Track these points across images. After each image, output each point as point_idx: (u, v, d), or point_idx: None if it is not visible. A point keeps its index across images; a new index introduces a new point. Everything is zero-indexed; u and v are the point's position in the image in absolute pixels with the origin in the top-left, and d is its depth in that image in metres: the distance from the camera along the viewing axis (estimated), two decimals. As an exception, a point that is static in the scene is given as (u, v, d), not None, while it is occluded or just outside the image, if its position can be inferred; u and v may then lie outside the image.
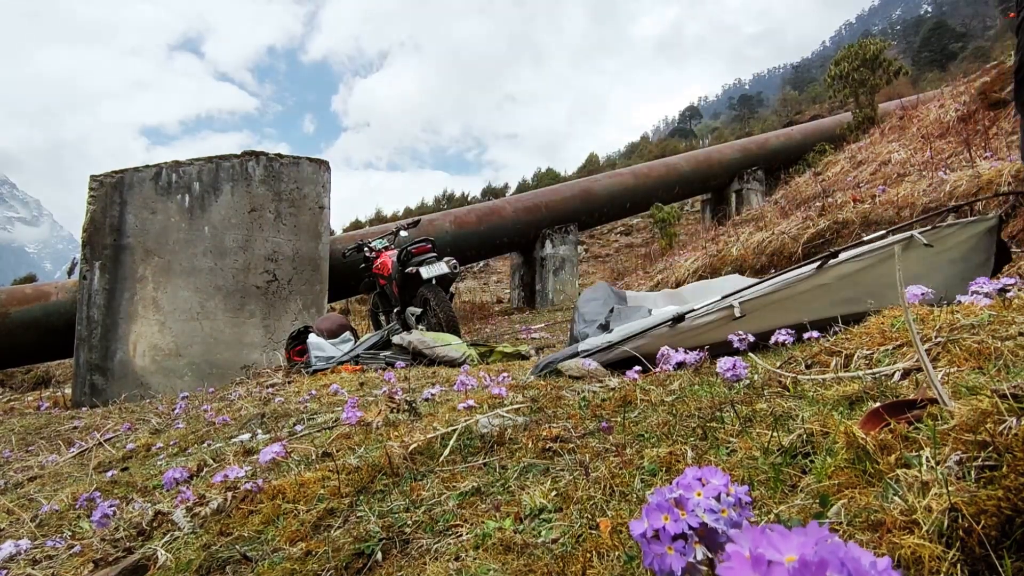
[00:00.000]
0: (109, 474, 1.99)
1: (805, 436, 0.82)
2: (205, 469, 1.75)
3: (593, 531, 0.76)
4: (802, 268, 2.04)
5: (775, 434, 0.86)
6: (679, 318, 2.02)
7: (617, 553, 0.69)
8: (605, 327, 2.41)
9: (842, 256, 1.99)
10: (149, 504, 1.40)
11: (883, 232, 2.16)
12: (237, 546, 1.03)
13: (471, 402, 1.52)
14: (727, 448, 0.92)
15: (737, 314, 1.95)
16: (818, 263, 2.01)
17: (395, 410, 1.75)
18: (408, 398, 1.87)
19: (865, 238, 2.14)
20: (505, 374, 2.37)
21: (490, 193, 24.94)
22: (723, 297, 2.04)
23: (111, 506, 1.34)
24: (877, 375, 1.09)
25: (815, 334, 1.73)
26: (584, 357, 2.11)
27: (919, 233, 2.00)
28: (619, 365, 2.10)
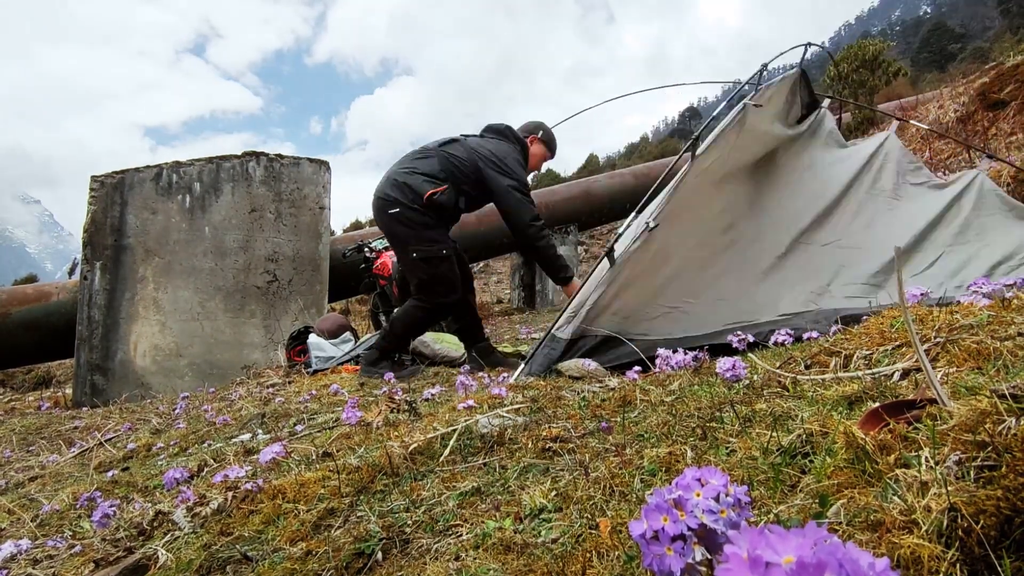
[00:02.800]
0: (110, 474, 1.99)
1: (805, 436, 0.82)
2: (205, 469, 1.75)
3: (593, 531, 0.76)
4: (683, 167, 2.35)
5: (775, 434, 0.86)
6: (612, 257, 2.21)
7: (617, 553, 0.69)
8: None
9: (703, 145, 2.37)
10: (150, 504, 1.40)
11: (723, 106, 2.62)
12: (237, 546, 1.03)
13: (471, 402, 1.52)
14: (727, 448, 0.92)
15: (652, 225, 2.19)
16: (689, 157, 2.34)
17: (395, 410, 1.75)
18: (408, 398, 1.87)
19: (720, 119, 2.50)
20: (505, 374, 2.38)
21: (490, 193, 24.87)
22: (637, 216, 2.36)
23: (111, 506, 1.34)
24: (876, 375, 1.09)
25: (815, 334, 1.74)
26: (556, 331, 2.22)
27: (749, 101, 2.50)
28: (617, 364, 2.10)
